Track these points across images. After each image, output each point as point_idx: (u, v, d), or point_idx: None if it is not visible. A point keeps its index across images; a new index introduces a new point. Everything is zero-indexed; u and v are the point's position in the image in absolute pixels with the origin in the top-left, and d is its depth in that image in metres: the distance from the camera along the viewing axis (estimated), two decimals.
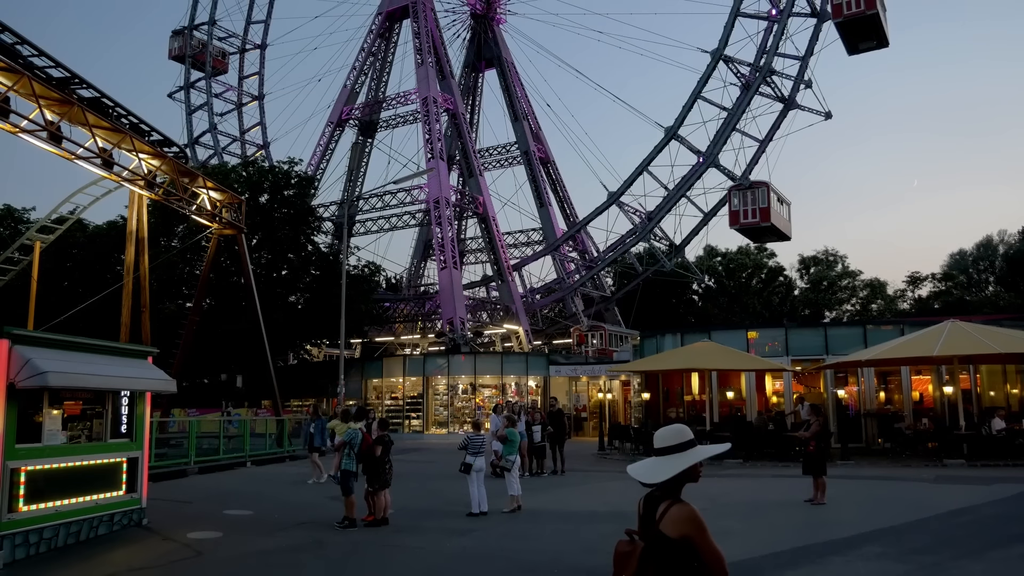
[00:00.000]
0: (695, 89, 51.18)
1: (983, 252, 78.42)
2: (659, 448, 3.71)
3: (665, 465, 3.61)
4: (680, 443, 3.66)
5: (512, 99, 66.37)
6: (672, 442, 3.67)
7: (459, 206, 61.61)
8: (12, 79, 18.68)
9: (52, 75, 20.99)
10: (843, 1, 45.79)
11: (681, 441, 3.66)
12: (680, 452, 3.64)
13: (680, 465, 3.58)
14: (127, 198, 27.75)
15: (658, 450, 3.71)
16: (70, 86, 21.38)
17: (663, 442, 3.70)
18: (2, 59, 18.50)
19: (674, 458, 3.62)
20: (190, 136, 68.35)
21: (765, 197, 46.94)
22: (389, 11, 64.21)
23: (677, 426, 3.77)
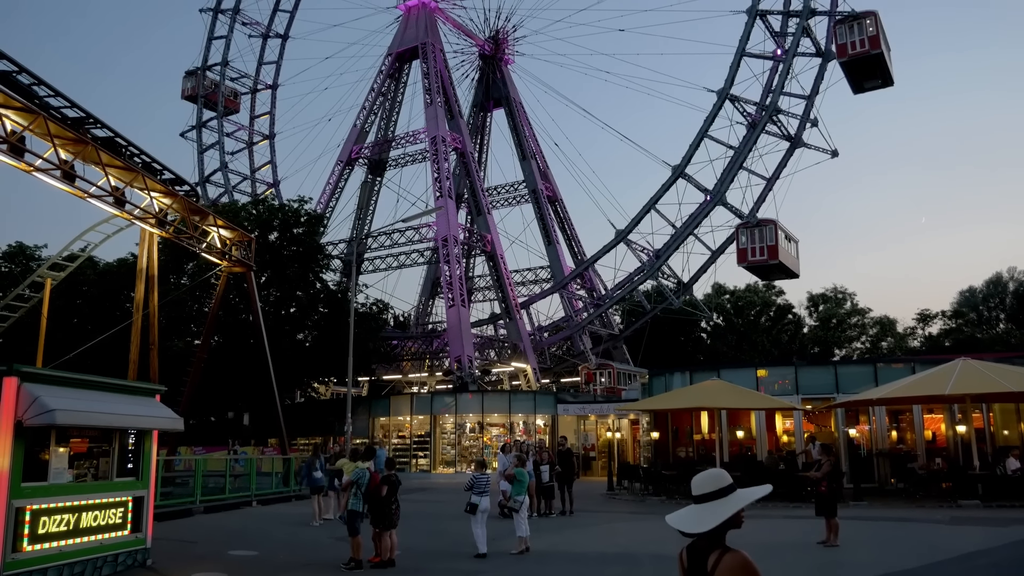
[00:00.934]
0: (702, 128, 51.55)
1: (993, 289, 78.12)
2: (698, 495, 3.56)
3: (707, 513, 3.47)
4: (720, 488, 3.53)
5: (520, 138, 66.92)
6: (711, 488, 3.53)
7: (467, 244, 61.82)
8: (28, 119, 18.95)
9: (67, 115, 21.30)
10: (847, 41, 46.35)
11: (721, 487, 3.53)
12: (721, 498, 3.50)
13: (724, 513, 3.44)
14: (138, 235, 27.97)
15: (697, 497, 3.57)
16: (85, 126, 21.67)
17: (702, 488, 3.56)
18: (19, 100, 18.79)
19: (716, 505, 3.48)
20: (201, 174, 69.04)
21: (773, 235, 46.99)
22: (399, 52, 65.11)
23: (715, 471, 3.64)
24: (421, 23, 64.03)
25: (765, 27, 50.28)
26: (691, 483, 3.66)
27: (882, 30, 46.06)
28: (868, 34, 45.83)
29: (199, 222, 27.68)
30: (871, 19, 45.92)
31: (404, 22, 65.50)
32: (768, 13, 50.27)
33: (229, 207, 49.70)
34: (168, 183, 25.60)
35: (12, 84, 19.45)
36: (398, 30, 65.76)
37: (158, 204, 24.83)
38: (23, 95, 19.51)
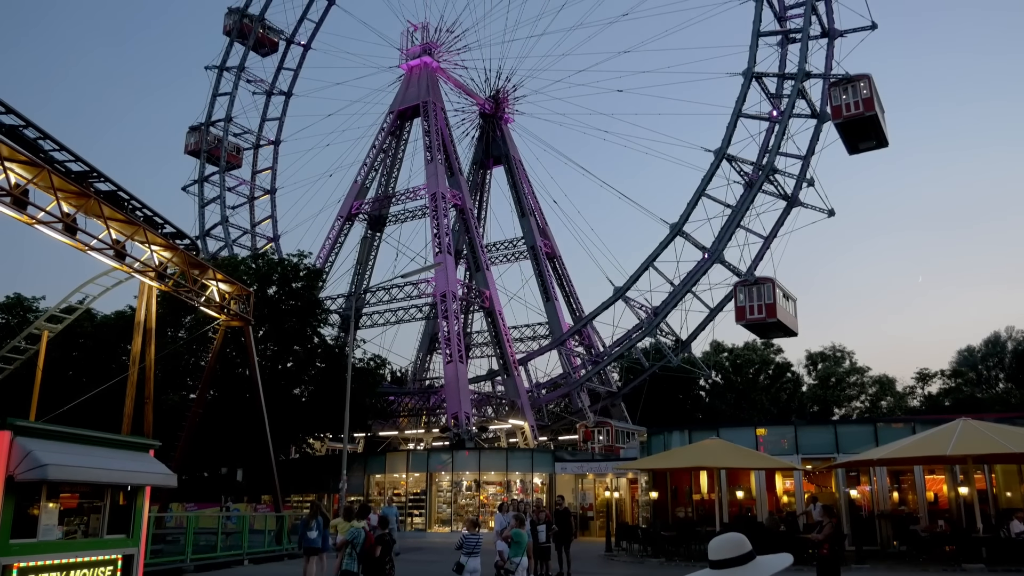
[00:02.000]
0: (699, 187, 52.06)
1: (991, 349, 78.08)
2: (716, 560, 3.39)
3: None
4: (741, 555, 3.36)
5: (519, 195, 67.53)
6: (731, 554, 3.36)
7: (466, 300, 61.89)
8: (33, 172, 19.13)
9: (71, 168, 21.50)
10: (842, 103, 47.17)
11: (742, 553, 3.36)
12: (741, 565, 3.34)
13: None
14: (137, 288, 27.99)
15: (715, 563, 3.39)
16: (88, 179, 21.86)
17: (720, 554, 3.39)
18: (24, 153, 18.99)
19: (735, 572, 3.32)
20: (202, 228, 69.41)
21: (771, 293, 47.10)
22: (401, 110, 66.12)
23: (734, 535, 3.46)
24: (423, 82, 65.18)
25: (761, 89, 51.19)
26: (708, 546, 3.50)
27: (876, 93, 46.89)
28: (862, 96, 46.65)
29: (198, 276, 27.73)
30: (865, 82, 46.78)
31: (406, 81, 66.67)
32: (764, 75, 51.22)
33: (229, 261, 49.85)
34: (169, 237, 25.72)
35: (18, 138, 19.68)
36: (400, 88, 66.90)
37: (158, 257, 24.91)
38: (29, 148, 19.72)
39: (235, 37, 72.66)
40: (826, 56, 50.50)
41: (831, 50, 50.54)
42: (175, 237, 26.46)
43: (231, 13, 72.96)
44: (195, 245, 30.97)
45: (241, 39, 72.75)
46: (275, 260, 50.99)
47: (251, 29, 72.28)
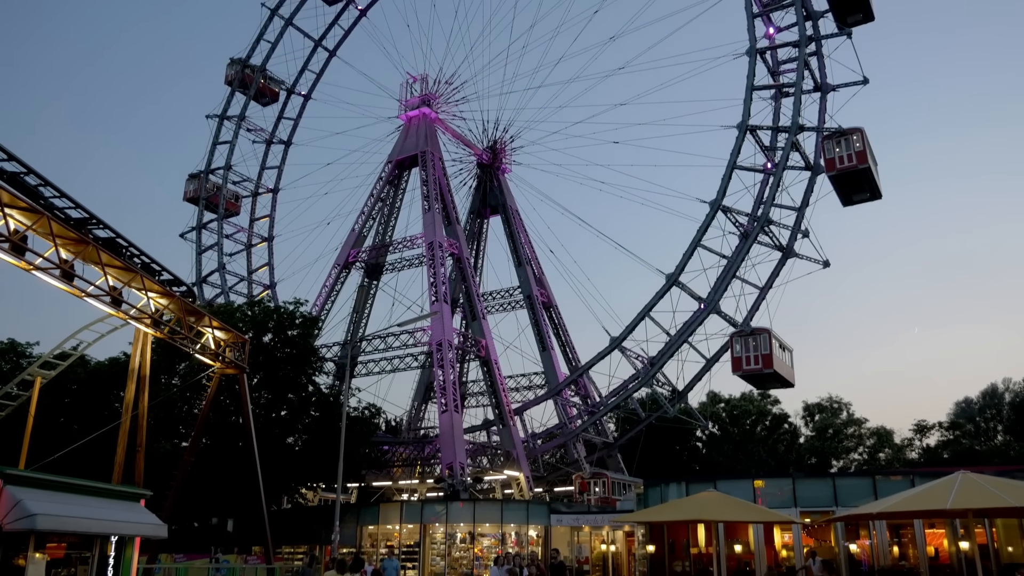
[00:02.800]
0: (695, 238, 52.34)
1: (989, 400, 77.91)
2: None
3: None
4: None
5: (516, 245, 67.83)
6: None
7: (461, 349, 61.72)
8: (32, 219, 19.22)
9: (71, 215, 21.61)
10: (835, 155, 47.79)
11: None
12: None
13: None
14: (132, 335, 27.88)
15: None
16: (87, 226, 21.96)
17: None
18: (24, 200, 19.10)
19: None
20: (199, 275, 69.43)
21: (767, 344, 47.07)
22: (399, 159, 66.75)
23: None
24: (421, 132, 65.94)
25: (755, 141, 51.83)
26: None
27: (868, 145, 47.54)
28: (855, 149, 47.28)
29: (194, 323, 27.69)
30: (858, 135, 47.45)
31: (405, 131, 67.45)
32: (758, 128, 51.92)
33: (225, 308, 49.78)
34: (166, 283, 25.74)
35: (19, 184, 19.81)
36: (399, 138, 67.63)
37: (155, 304, 24.90)
38: (29, 195, 19.85)
39: (237, 87, 73.61)
40: (819, 110, 51.31)
41: (824, 104, 51.37)
42: (172, 284, 26.47)
43: (233, 63, 74.04)
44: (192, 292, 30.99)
45: (243, 89, 73.69)
46: (271, 307, 50.90)
47: (252, 79, 73.29)
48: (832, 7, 50.53)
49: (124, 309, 23.84)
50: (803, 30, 51.35)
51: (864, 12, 50.77)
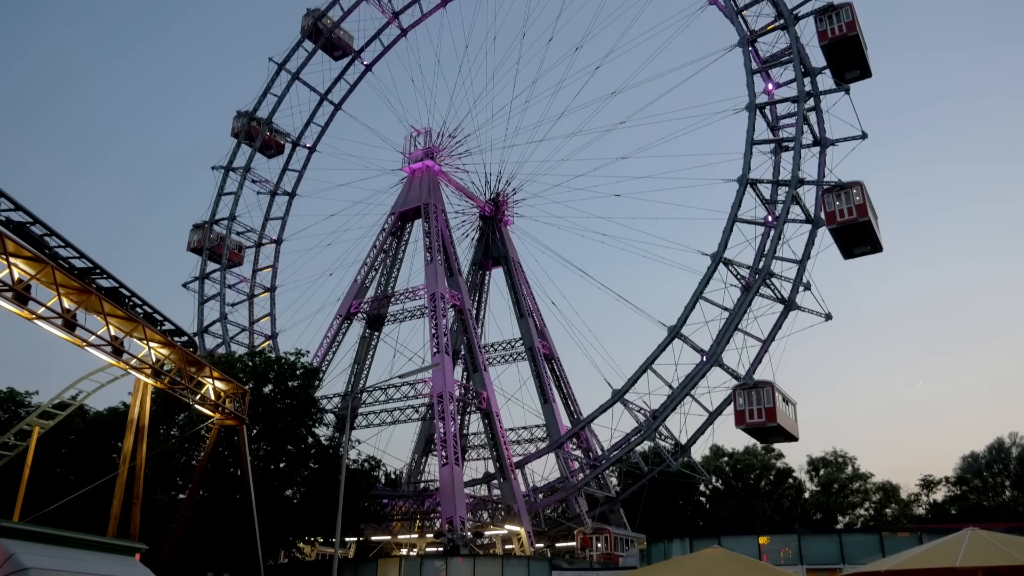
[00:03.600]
0: (697, 290, 52.37)
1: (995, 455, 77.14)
2: None
3: None
4: None
5: (518, 296, 67.90)
6: None
7: (463, 401, 61.36)
8: (36, 268, 19.31)
9: (75, 264, 21.70)
10: (836, 209, 48.15)
11: None
12: None
13: None
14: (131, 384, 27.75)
15: None
16: (91, 275, 22.04)
17: None
18: (29, 249, 19.21)
19: None
20: (200, 325, 69.41)
21: (770, 397, 46.76)
22: (402, 211, 67.24)
23: None
24: (424, 184, 66.57)
25: (756, 195, 52.23)
26: None
27: (868, 199, 47.91)
28: (855, 203, 47.66)
29: (195, 373, 27.59)
30: (857, 189, 47.88)
31: (408, 183, 68.10)
32: (759, 182, 52.36)
33: (225, 358, 49.66)
34: (167, 334, 25.73)
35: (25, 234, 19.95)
36: (402, 190, 68.25)
37: (156, 354, 24.85)
38: (34, 244, 19.97)
39: (243, 139, 74.61)
40: (819, 163, 51.78)
41: (823, 158, 51.88)
42: (173, 334, 26.46)
43: (240, 116, 75.18)
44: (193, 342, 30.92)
45: (249, 141, 74.69)
46: (272, 358, 50.78)
47: (259, 132, 74.32)
48: (830, 64, 51.45)
49: (125, 359, 23.78)
50: (801, 86, 52.15)
51: (861, 69, 51.68)
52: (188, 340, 28.66)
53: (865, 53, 51.65)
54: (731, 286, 51.91)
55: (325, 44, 75.51)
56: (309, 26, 74.79)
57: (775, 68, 54.71)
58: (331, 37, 75.18)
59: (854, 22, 50.42)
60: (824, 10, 51.47)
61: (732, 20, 55.98)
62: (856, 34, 50.42)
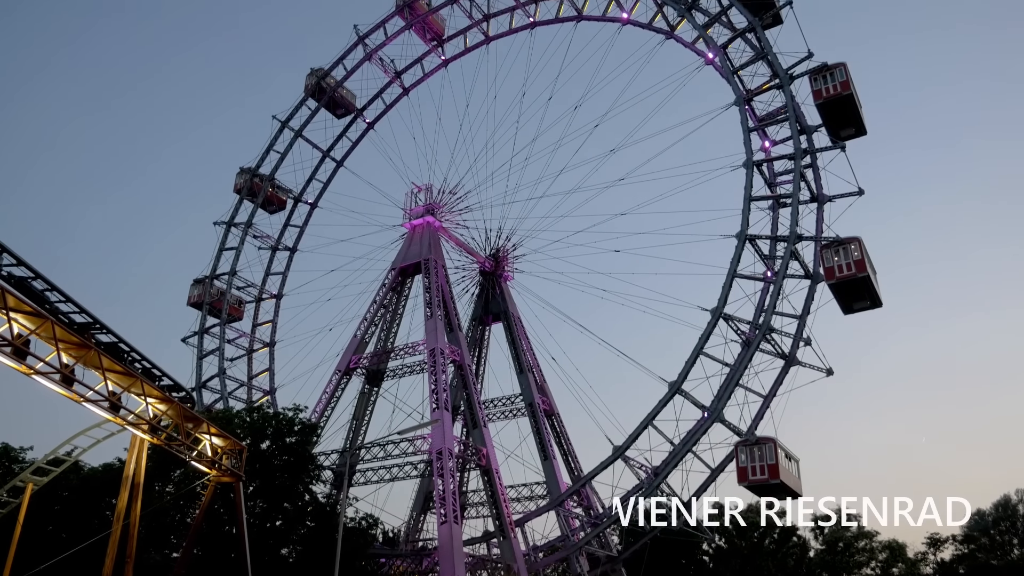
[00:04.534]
0: (697, 345, 52.17)
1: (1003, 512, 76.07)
2: None
3: None
4: None
5: (518, 352, 67.72)
6: None
7: (462, 457, 60.73)
8: (36, 323, 19.31)
9: (75, 320, 21.69)
10: (834, 264, 48.36)
11: None
12: None
13: None
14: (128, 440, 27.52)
15: None
16: (90, 330, 22.03)
17: None
18: (30, 304, 19.24)
19: None
20: (198, 380, 69.08)
21: (772, 453, 46.29)
22: (402, 267, 67.49)
23: None
24: (425, 240, 66.96)
25: (755, 250, 52.45)
26: None
27: (867, 254, 48.12)
28: (853, 258, 47.89)
29: (192, 429, 27.38)
30: (855, 244, 48.14)
31: (409, 239, 68.50)
32: (757, 237, 52.62)
33: (223, 414, 49.32)
34: (165, 389, 25.61)
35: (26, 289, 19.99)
36: (403, 246, 68.61)
37: (153, 410, 24.69)
38: (35, 299, 20.01)
39: (245, 195, 75.29)
40: (816, 220, 52.03)
41: (821, 214, 52.15)
42: (171, 389, 26.34)
43: (243, 172, 76.01)
44: (191, 397, 30.79)
45: (251, 197, 75.36)
46: (270, 414, 50.45)
47: (261, 188, 75.05)
48: (825, 122, 52.24)
49: (122, 415, 23.63)
50: (798, 144, 52.78)
51: (856, 127, 52.48)
52: (186, 395, 28.51)
53: (860, 111, 52.49)
54: (731, 341, 51.77)
55: (328, 103, 76.74)
56: (313, 85, 76.12)
57: (772, 126, 55.46)
58: (334, 96, 76.42)
59: (848, 81, 51.35)
60: (819, 70, 52.43)
61: (729, 80, 56.98)
62: (851, 93, 51.28)
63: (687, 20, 59.43)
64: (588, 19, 67.20)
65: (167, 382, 26.08)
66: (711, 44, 58.14)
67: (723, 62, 57.39)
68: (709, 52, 58.56)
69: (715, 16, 57.95)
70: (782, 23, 56.68)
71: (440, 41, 75.94)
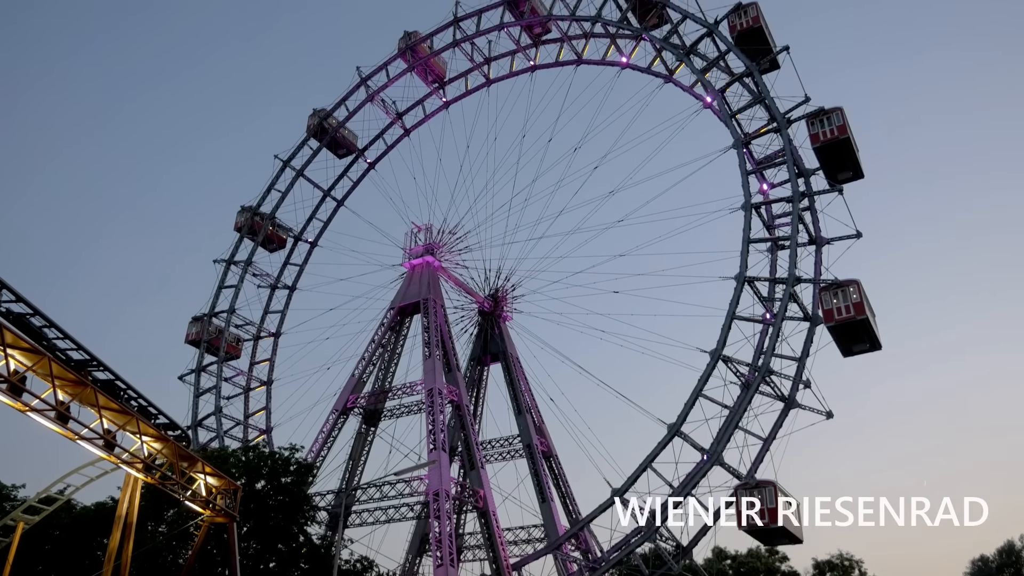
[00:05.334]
0: (696, 387, 51.91)
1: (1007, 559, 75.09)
2: None
3: None
4: None
5: (516, 392, 67.44)
6: None
7: (459, 499, 60.14)
8: (33, 360, 19.25)
9: (72, 356, 21.63)
10: (833, 307, 48.34)
11: None
12: None
13: None
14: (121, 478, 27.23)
15: None
16: (87, 368, 21.96)
17: None
18: (27, 340, 19.19)
19: None
20: (194, 418, 68.64)
21: (772, 497, 45.81)
22: (401, 306, 67.53)
23: None
24: (424, 280, 67.11)
25: (754, 292, 52.48)
26: None
27: (865, 297, 48.15)
28: (852, 301, 47.93)
29: (187, 468, 27.13)
30: (854, 287, 48.22)
31: (408, 278, 68.67)
32: (756, 279, 52.67)
33: (218, 452, 48.92)
34: (161, 427, 25.45)
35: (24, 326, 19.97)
36: (402, 285, 68.76)
37: (148, 449, 24.50)
38: (33, 336, 19.98)
39: (246, 233, 75.60)
40: (815, 262, 52.13)
41: (819, 256, 52.27)
42: (167, 428, 26.19)
43: (244, 211, 76.42)
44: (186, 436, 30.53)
45: (251, 235, 75.67)
46: (266, 453, 50.08)
47: (261, 226, 75.39)
48: (823, 165, 52.67)
49: (117, 453, 23.44)
50: (795, 187, 53.10)
51: (854, 170, 52.92)
52: (181, 434, 28.31)
53: (857, 155, 52.96)
54: (731, 383, 51.55)
55: (330, 143, 77.47)
56: (315, 125, 76.90)
57: (770, 169, 55.91)
58: (336, 136, 77.18)
59: (845, 125, 51.90)
60: (816, 114, 53.02)
61: (727, 123, 57.52)
62: (847, 137, 51.79)
63: (685, 64, 60.20)
64: (588, 63, 68.14)
65: (163, 420, 25.94)
66: (709, 88, 58.83)
67: (721, 106, 58.03)
68: (707, 96, 59.23)
69: (713, 61, 58.76)
70: (779, 68, 57.51)
71: (441, 83, 76.91)
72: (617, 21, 64.49)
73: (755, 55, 57.00)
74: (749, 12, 57.48)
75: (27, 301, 20.00)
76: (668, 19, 61.96)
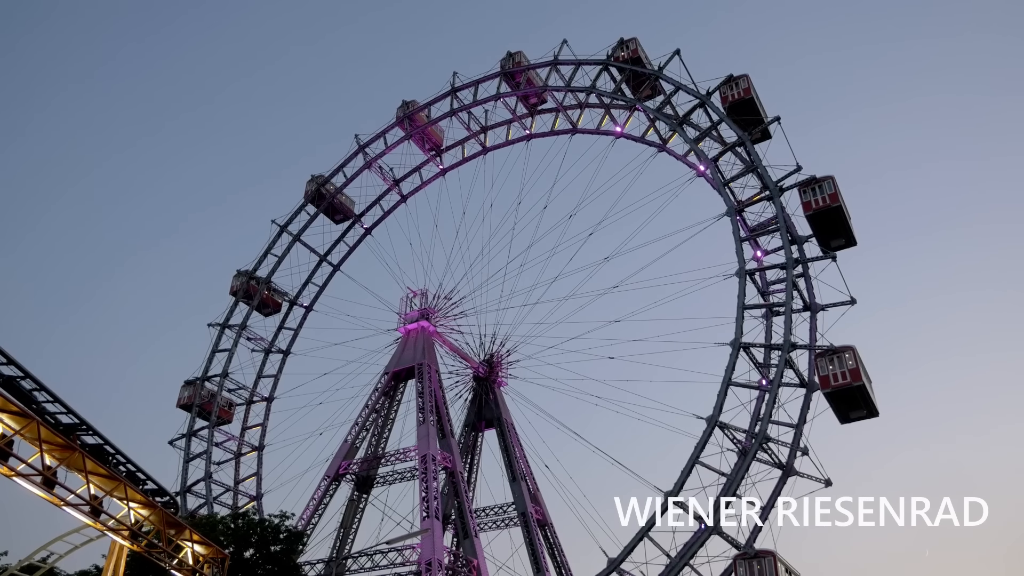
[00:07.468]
0: (693, 454, 51.33)
1: None
2: None
3: None
4: None
5: (511, 459, 66.61)
6: None
7: (452, 569, 58.75)
8: (21, 423, 19.02)
9: (61, 420, 21.39)
10: (829, 373, 48.23)
11: None
12: None
13: None
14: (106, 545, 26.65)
15: None
16: (76, 432, 21.68)
17: None
18: (16, 404, 19.00)
19: None
20: (183, 484, 67.49)
21: (772, 568, 44.91)
22: (395, 371, 67.12)
23: None
24: (419, 345, 66.87)
25: (749, 358, 52.39)
26: None
27: (861, 363, 48.09)
28: (848, 367, 47.86)
29: (174, 536, 26.57)
30: (850, 353, 48.20)
31: (403, 343, 68.43)
32: (751, 346, 52.63)
33: (207, 520, 47.97)
34: (149, 493, 25.01)
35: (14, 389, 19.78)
36: (396, 350, 68.44)
37: (135, 515, 24.03)
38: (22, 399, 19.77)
39: (241, 297, 75.62)
40: (810, 328, 52.21)
41: (814, 322, 52.37)
42: (155, 494, 25.74)
43: (239, 275, 76.58)
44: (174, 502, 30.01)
45: (247, 299, 75.69)
46: (255, 520, 49.11)
47: (257, 290, 75.47)
48: (815, 232, 53.23)
49: (103, 520, 22.96)
50: (789, 253, 53.54)
51: (847, 237, 53.49)
52: (169, 500, 27.82)
53: (849, 223, 53.58)
54: (728, 450, 51.04)
55: (327, 208, 78.19)
56: (312, 191, 77.71)
57: (763, 236, 56.41)
58: (333, 202, 77.94)
59: (836, 194, 52.64)
60: (808, 182, 53.83)
61: (720, 191, 58.30)
62: (839, 205, 52.49)
63: (679, 134, 61.36)
64: (583, 132, 69.41)
65: (151, 486, 25.51)
66: (702, 157, 59.81)
67: (714, 174, 58.89)
68: (700, 164, 60.17)
69: (705, 131, 59.91)
70: (771, 137, 58.64)
71: (438, 151, 78.13)
72: (611, 92, 65.96)
73: (747, 125, 58.18)
74: (740, 84, 58.93)
75: (18, 363, 19.84)
76: (661, 90, 63.48)
